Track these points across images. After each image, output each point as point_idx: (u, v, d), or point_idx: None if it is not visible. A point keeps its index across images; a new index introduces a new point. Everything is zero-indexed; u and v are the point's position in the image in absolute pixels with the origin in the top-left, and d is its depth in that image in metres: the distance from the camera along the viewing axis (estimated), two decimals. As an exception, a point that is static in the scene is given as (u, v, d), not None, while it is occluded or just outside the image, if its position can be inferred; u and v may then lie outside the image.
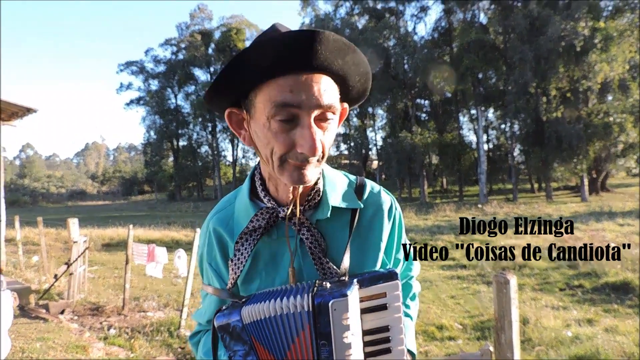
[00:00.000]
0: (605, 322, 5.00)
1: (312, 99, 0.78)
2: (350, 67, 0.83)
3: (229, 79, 0.81)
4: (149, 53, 50.44)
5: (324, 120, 0.82)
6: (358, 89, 0.90)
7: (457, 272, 8.25)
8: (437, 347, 4.63)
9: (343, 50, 0.79)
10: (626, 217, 13.86)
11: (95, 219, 23.08)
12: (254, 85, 0.82)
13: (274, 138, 0.81)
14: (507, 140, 31.00)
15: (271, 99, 0.78)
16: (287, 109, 0.78)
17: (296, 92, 0.77)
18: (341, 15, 37.84)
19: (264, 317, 0.80)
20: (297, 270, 0.92)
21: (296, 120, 0.79)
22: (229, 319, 0.83)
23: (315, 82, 0.78)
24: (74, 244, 6.44)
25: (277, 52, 0.75)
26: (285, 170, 0.83)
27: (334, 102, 0.82)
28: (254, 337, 0.82)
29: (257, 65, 0.77)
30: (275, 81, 0.78)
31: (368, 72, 0.87)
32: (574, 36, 23.20)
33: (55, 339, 4.79)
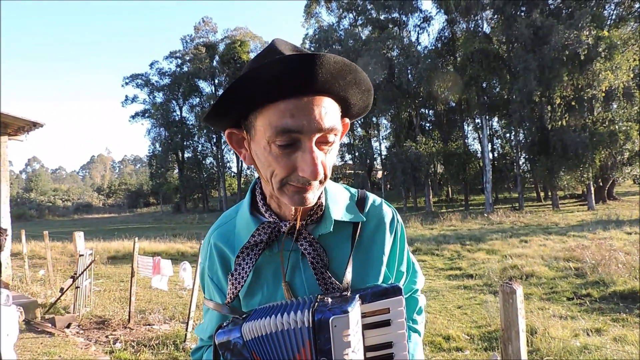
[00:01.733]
0: (614, 332, 4.94)
1: (314, 123, 0.77)
2: (352, 87, 0.83)
3: (228, 103, 0.80)
4: (154, 66, 50.92)
5: (325, 142, 0.81)
6: (360, 106, 0.90)
7: (464, 281, 8.20)
8: (444, 358, 4.59)
9: (344, 71, 0.78)
10: (634, 225, 13.73)
11: (101, 232, 23.16)
12: (254, 109, 0.81)
13: (274, 161, 0.81)
14: (513, 149, 30.93)
15: (272, 124, 0.78)
16: (288, 134, 0.77)
17: (297, 117, 0.76)
18: (345, 26, 38.14)
19: (265, 334, 0.80)
20: (299, 285, 0.92)
21: (297, 144, 0.79)
22: (230, 335, 0.83)
23: (316, 105, 0.77)
24: (80, 257, 6.46)
25: (278, 76, 0.74)
26: (286, 193, 0.83)
27: (335, 123, 0.81)
28: (255, 354, 0.81)
29: (257, 90, 0.77)
30: (275, 105, 0.77)
31: (370, 89, 0.87)
32: (577, 45, 23.23)
33: (61, 353, 4.79)
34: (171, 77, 49.49)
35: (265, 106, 0.79)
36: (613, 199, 28.05)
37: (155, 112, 49.18)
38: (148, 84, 50.08)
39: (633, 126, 24.17)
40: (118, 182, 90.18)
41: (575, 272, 8.03)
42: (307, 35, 40.61)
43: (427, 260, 10.61)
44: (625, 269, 7.47)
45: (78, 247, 7.06)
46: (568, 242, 11.20)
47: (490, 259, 9.85)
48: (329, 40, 36.58)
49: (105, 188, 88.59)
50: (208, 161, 51.29)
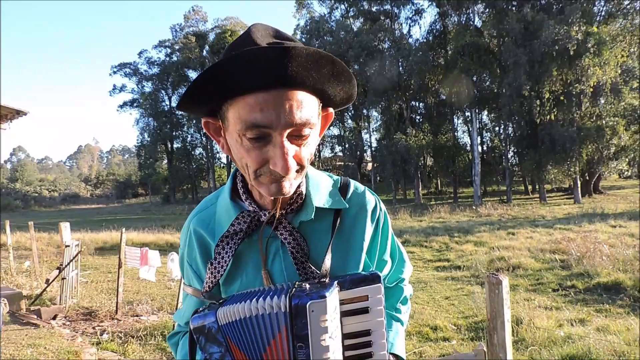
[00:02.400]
0: (597, 322, 5.03)
1: (283, 118, 0.75)
2: (329, 79, 0.80)
3: (198, 93, 0.78)
4: (142, 55, 50.29)
5: (299, 136, 0.79)
6: (341, 97, 0.87)
7: (452, 273, 8.27)
8: (431, 347, 4.64)
9: (318, 63, 0.75)
10: (618, 218, 13.94)
11: (89, 223, 22.95)
12: (224, 100, 0.79)
13: (246, 154, 0.79)
14: (501, 143, 31.18)
15: (241, 118, 0.76)
16: (258, 129, 0.75)
17: (266, 112, 0.74)
18: (336, 18, 37.97)
19: (240, 318, 0.78)
20: (278, 274, 0.91)
21: (268, 137, 0.77)
22: (205, 320, 0.81)
23: (286, 99, 0.75)
24: (66, 248, 6.39)
25: (246, 69, 0.72)
26: (262, 183, 0.82)
27: (310, 117, 0.78)
28: (229, 339, 0.80)
29: (225, 82, 0.74)
30: (244, 99, 0.75)
31: (350, 80, 0.84)
32: (567, 40, 23.37)
33: (46, 345, 4.75)
34: (160, 67, 48.91)
35: (235, 98, 0.76)
36: (599, 193, 28.43)
37: (144, 101, 48.64)
38: (136, 73, 49.46)
39: (620, 121, 24.49)
40: (106, 172, 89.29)
41: (561, 264, 8.15)
42: (298, 26, 40.42)
43: (416, 251, 10.69)
44: (609, 261, 7.59)
45: (64, 237, 6.99)
46: (554, 235, 11.34)
47: (478, 251, 9.95)
48: (320, 32, 36.42)
49: (92, 178, 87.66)
50: (197, 152, 51.02)
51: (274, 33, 0.82)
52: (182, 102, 0.80)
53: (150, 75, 49.35)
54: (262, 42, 0.77)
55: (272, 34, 0.81)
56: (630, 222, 13.02)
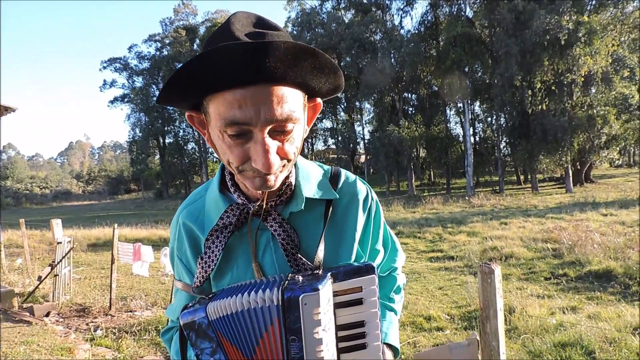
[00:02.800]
0: (589, 309, 5.08)
1: (263, 114, 0.73)
2: (311, 72, 0.77)
3: (175, 91, 0.76)
4: (132, 49, 49.79)
5: (281, 132, 0.77)
6: (327, 88, 0.85)
7: (445, 263, 8.32)
8: (425, 337, 4.67)
9: (298, 57, 0.72)
10: (609, 207, 14.08)
11: (81, 219, 22.82)
12: (204, 95, 0.77)
13: (228, 150, 0.78)
14: (494, 133, 31.27)
15: (221, 115, 0.74)
16: (238, 126, 0.73)
17: (245, 108, 0.72)
18: (327, 10, 37.76)
19: (231, 313, 0.77)
20: (269, 266, 0.90)
21: (249, 134, 0.75)
22: (194, 316, 0.80)
23: (266, 94, 0.72)
24: (58, 244, 6.35)
25: (221, 66, 0.69)
26: (247, 178, 0.80)
27: (292, 112, 0.76)
28: (220, 334, 0.79)
29: (201, 79, 0.72)
30: (222, 95, 0.73)
31: (335, 71, 0.81)
32: (558, 30, 23.43)
33: (39, 342, 4.72)
34: (151, 61, 48.45)
35: (214, 94, 0.74)
36: (590, 182, 28.67)
37: (134, 96, 48.21)
38: (127, 68, 48.97)
39: (611, 110, 24.64)
40: (98, 168, 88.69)
41: (553, 252, 8.22)
42: (289, 18, 40.14)
43: (410, 243, 10.73)
44: (600, 249, 7.67)
45: (56, 234, 6.94)
46: (546, 224, 11.44)
47: (471, 241, 10.01)
48: (311, 24, 36.21)
49: (84, 175, 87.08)
50: (190, 146, 50.69)
51: (256, 21, 0.79)
52: (161, 98, 0.77)
53: (141, 70, 48.90)
54: (242, 33, 0.74)
55: (252, 23, 0.78)
56: (621, 210, 13.16)
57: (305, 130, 0.87)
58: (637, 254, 7.13)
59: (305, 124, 0.86)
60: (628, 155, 45.98)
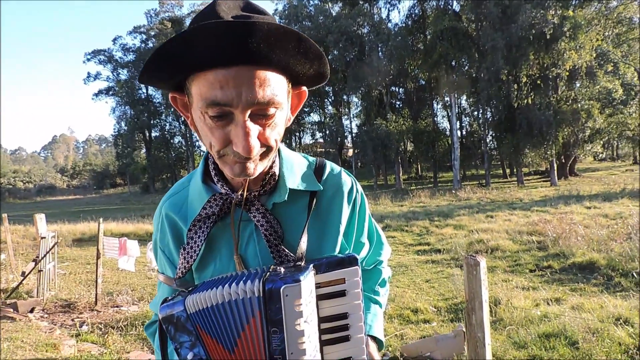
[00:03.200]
0: (572, 301, 5.16)
1: (245, 96, 0.71)
2: (295, 56, 0.76)
3: (157, 69, 0.74)
4: (117, 41, 49.05)
5: (263, 116, 0.76)
6: (312, 74, 0.84)
7: (432, 256, 8.38)
8: (412, 330, 4.71)
9: (282, 39, 0.71)
10: (593, 200, 14.30)
11: (66, 214, 22.53)
12: (187, 75, 0.76)
13: (209, 132, 0.76)
14: (480, 127, 31.54)
15: (202, 95, 0.73)
16: (219, 107, 0.72)
17: (226, 89, 0.71)
18: (315, 2, 37.57)
19: (210, 305, 0.76)
20: (252, 257, 0.89)
21: (230, 116, 0.74)
22: (173, 309, 0.79)
23: (248, 76, 0.71)
24: (42, 240, 6.25)
25: (204, 44, 0.68)
26: (227, 163, 0.79)
27: (274, 95, 0.75)
28: (199, 327, 0.78)
29: (183, 58, 0.71)
30: (204, 75, 0.72)
31: (319, 56, 0.79)
32: (543, 24, 23.64)
33: (23, 338, 4.65)
34: (136, 53, 47.79)
35: (196, 73, 0.73)
36: (574, 175, 29.11)
37: (119, 89, 47.54)
38: (111, 60, 48.28)
39: (595, 105, 24.98)
40: (82, 162, 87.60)
41: (538, 245, 8.33)
42: (276, 10, 39.84)
43: (397, 236, 10.79)
44: (584, 242, 7.79)
45: (40, 229, 6.85)
46: (531, 217, 11.58)
47: (457, 234, 10.09)
48: (299, 16, 36.02)
49: (69, 169, 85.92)
50: (176, 140, 50.27)
51: (244, 5, 0.78)
52: (142, 76, 0.76)
53: (126, 63, 48.24)
54: (227, 15, 0.73)
55: (240, 6, 0.77)
56: (604, 203, 13.38)
57: (289, 117, 0.86)
58: (620, 246, 7.26)
59: (288, 111, 0.85)
60: (611, 149, 46.74)
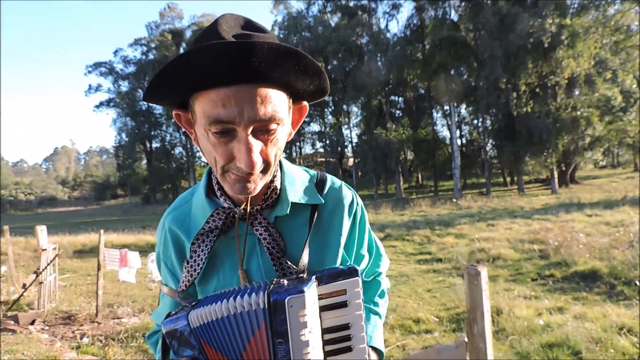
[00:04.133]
0: (575, 310, 5.13)
1: (247, 113, 0.73)
2: (295, 74, 0.78)
3: (161, 89, 0.77)
4: (118, 53, 49.44)
5: (265, 132, 0.78)
6: (312, 90, 0.86)
7: (433, 265, 8.36)
8: (414, 340, 4.68)
9: (282, 58, 0.73)
10: (594, 207, 14.26)
11: (67, 226, 22.49)
12: (190, 93, 0.78)
13: (213, 149, 0.78)
14: (480, 135, 31.60)
15: (205, 112, 0.75)
16: (222, 124, 0.74)
17: (229, 107, 0.73)
18: (314, 13, 37.91)
19: (214, 319, 0.78)
20: (255, 271, 0.90)
21: (233, 132, 0.76)
22: (176, 324, 0.80)
23: (250, 94, 0.73)
24: (43, 251, 6.25)
25: (206, 64, 0.71)
26: (227, 180, 0.81)
27: (275, 112, 0.77)
28: (203, 341, 0.79)
29: (186, 77, 0.74)
30: (207, 94, 0.74)
31: (319, 73, 0.81)
32: (541, 33, 23.78)
33: (24, 351, 4.64)
34: (136, 65, 48.12)
35: (199, 92, 0.76)
36: (575, 183, 29.09)
37: (120, 101, 47.80)
38: (112, 72, 48.59)
39: (594, 112, 25.02)
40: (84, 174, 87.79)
41: (540, 253, 8.30)
42: (276, 22, 40.18)
43: (398, 245, 10.77)
44: (586, 250, 7.76)
45: (41, 241, 6.85)
46: (533, 225, 11.55)
47: (458, 243, 10.07)
48: (298, 27, 36.30)
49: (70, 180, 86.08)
50: (177, 151, 50.38)
51: (244, 24, 0.80)
52: (147, 95, 0.78)
53: (127, 74, 48.54)
54: (229, 34, 0.75)
55: (240, 25, 0.80)
56: (605, 210, 13.34)
57: (290, 132, 0.88)
58: (622, 254, 7.23)
59: (289, 126, 0.87)
60: (612, 156, 46.76)
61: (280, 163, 0.96)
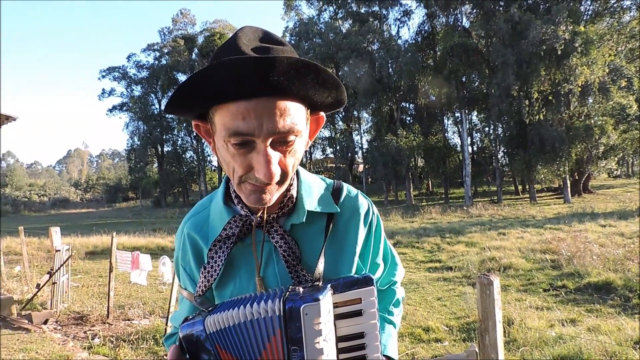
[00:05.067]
0: (588, 322, 5.07)
1: (266, 126, 0.75)
2: (314, 87, 0.80)
3: (182, 102, 0.79)
4: (131, 59, 49.98)
5: (283, 143, 0.80)
6: (330, 102, 0.87)
7: (444, 274, 8.31)
8: (423, 349, 4.66)
9: (301, 72, 0.75)
10: (608, 218, 14.07)
11: (79, 227, 22.73)
12: (210, 105, 0.80)
13: (232, 159, 0.80)
14: (491, 143, 31.34)
15: (225, 125, 0.77)
16: (241, 136, 0.76)
17: (248, 120, 0.74)
18: (325, 20, 38.02)
19: (230, 325, 0.79)
20: (271, 278, 0.91)
21: (252, 144, 0.78)
22: (192, 329, 0.82)
23: (269, 107, 0.75)
24: (57, 252, 6.34)
25: (226, 79, 0.72)
26: (244, 191, 0.83)
27: (294, 125, 0.78)
28: (219, 346, 0.80)
29: (207, 91, 0.75)
30: (227, 107, 0.76)
31: (337, 86, 0.83)
32: (554, 40, 23.57)
33: (38, 350, 4.70)
34: (149, 70, 48.65)
35: (219, 105, 0.77)
36: (588, 192, 28.70)
37: (133, 105, 48.32)
38: (125, 77, 49.16)
39: (608, 120, 24.70)
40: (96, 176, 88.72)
41: (552, 263, 8.21)
42: (287, 28, 40.41)
43: (408, 252, 10.72)
44: (599, 261, 7.65)
45: (54, 242, 6.93)
46: (545, 235, 11.44)
47: (469, 252, 10.00)
48: (309, 33, 36.44)
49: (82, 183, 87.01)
50: (188, 155, 50.72)
51: (262, 36, 0.82)
52: (168, 107, 0.80)
53: (140, 79, 49.08)
54: (248, 47, 0.77)
55: (259, 38, 0.81)
56: (620, 221, 13.16)
57: (307, 142, 0.89)
58: (637, 266, 7.12)
59: (307, 136, 0.88)
60: (626, 165, 46.12)
61: (297, 171, 0.98)
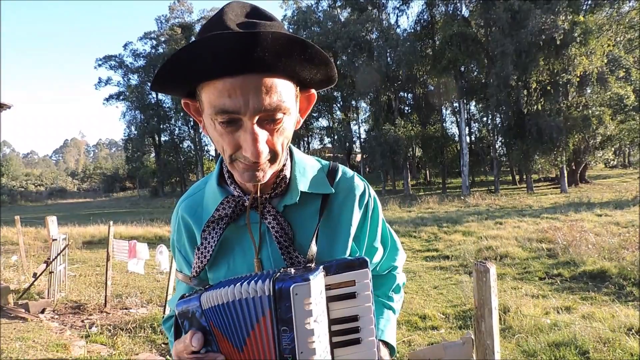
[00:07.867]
0: (583, 310, 5.11)
1: (252, 103, 0.74)
2: (301, 63, 0.78)
3: (167, 79, 0.77)
4: (127, 47, 49.59)
5: (271, 121, 0.78)
6: (320, 79, 0.85)
7: (440, 262, 8.35)
8: (420, 336, 4.69)
9: (287, 47, 0.74)
10: (604, 207, 14.15)
11: (76, 217, 22.70)
12: (196, 83, 0.78)
13: (220, 138, 0.79)
14: (489, 133, 31.35)
15: (211, 103, 0.75)
16: (227, 114, 0.75)
17: (234, 97, 0.73)
18: (323, 8, 37.73)
19: (223, 303, 0.78)
20: (265, 259, 0.90)
21: (239, 122, 0.76)
22: (189, 305, 0.81)
23: (255, 84, 0.73)
24: (53, 242, 6.33)
25: (210, 55, 0.71)
26: (237, 168, 0.82)
27: (281, 101, 0.77)
28: (212, 324, 0.79)
29: (192, 68, 0.74)
30: (213, 84, 0.74)
31: (326, 62, 0.81)
32: (554, 30, 23.47)
33: (35, 338, 4.71)
34: (146, 59, 48.26)
35: (205, 82, 0.76)
36: (585, 182, 28.79)
37: (130, 94, 47.97)
38: (122, 65, 48.77)
39: (606, 111, 24.69)
40: (93, 166, 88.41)
41: (548, 252, 8.26)
42: (285, 16, 40.08)
43: (405, 242, 10.75)
44: (595, 250, 7.72)
45: (51, 231, 6.91)
46: (541, 224, 11.48)
47: (466, 241, 10.04)
48: (307, 22, 36.18)
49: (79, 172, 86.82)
50: (185, 144, 50.59)
51: (250, 11, 0.80)
52: (154, 85, 0.79)
53: (136, 68, 48.70)
54: (234, 23, 0.75)
55: (246, 13, 0.79)
56: (615, 210, 13.23)
57: (298, 120, 0.88)
58: (631, 254, 7.17)
59: (297, 114, 0.87)
60: (623, 155, 46.22)
61: (292, 152, 0.96)
